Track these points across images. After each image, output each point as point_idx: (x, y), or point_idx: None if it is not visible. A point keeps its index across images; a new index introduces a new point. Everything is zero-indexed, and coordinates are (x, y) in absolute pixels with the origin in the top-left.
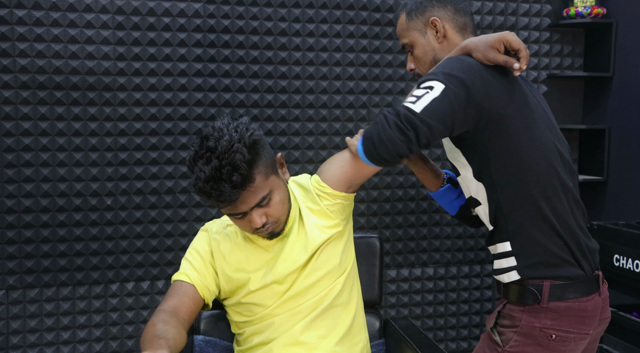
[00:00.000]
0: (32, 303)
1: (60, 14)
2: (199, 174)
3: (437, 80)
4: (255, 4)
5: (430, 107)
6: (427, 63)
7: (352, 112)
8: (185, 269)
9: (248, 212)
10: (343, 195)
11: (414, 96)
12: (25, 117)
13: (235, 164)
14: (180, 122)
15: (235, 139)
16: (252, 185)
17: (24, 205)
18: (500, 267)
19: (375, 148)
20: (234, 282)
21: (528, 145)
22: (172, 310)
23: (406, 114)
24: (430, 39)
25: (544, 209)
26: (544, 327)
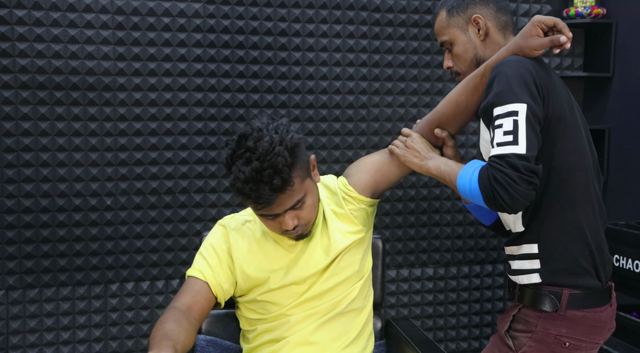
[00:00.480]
0: (32, 303)
1: (60, 14)
2: (238, 174)
3: (517, 101)
4: (255, 4)
5: (529, 139)
6: (468, 61)
7: (352, 112)
8: (200, 265)
9: (281, 214)
10: (367, 201)
11: (508, 134)
12: (25, 117)
13: (277, 167)
14: (180, 122)
15: (277, 141)
16: (290, 189)
17: (23, 206)
18: (522, 267)
19: (510, 208)
20: (252, 281)
21: (573, 151)
22: (186, 308)
23: (523, 163)
24: (472, 37)
25: (579, 216)
26: (559, 334)
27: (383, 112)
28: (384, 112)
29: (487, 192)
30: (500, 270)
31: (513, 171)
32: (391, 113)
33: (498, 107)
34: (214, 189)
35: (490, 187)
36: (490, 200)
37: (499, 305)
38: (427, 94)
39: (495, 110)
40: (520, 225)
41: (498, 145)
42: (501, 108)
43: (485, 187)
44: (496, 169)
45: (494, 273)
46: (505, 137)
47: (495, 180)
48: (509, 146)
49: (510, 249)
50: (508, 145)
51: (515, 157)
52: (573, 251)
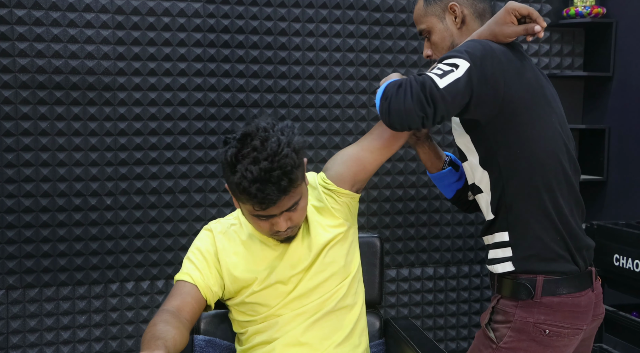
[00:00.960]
0: (32, 303)
1: (60, 14)
2: (245, 173)
3: (463, 58)
4: (255, 4)
5: (453, 85)
6: (445, 49)
7: (351, 112)
8: (188, 269)
9: (277, 215)
10: (347, 193)
11: (440, 70)
12: (25, 116)
13: (286, 168)
14: (179, 121)
15: (284, 142)
16: (294, 191)
17: (23, 205)
18: (495, 256)
19: (389, 114)
20: (239, 282)
21: (540, 137)
22: (175, 310)
23: (432, 87)
24: (449, 25)
25: (546, 203)
26: (538, 322)
27: None
28: None
29: (386, 92)
30: None
31: (418, 86)
32: None
33: (445, 59)
34: (214, 189)
35: (391, 88)
36: (383, 100)
37: None
38: None
39: (441, 61)
40: (490, 213)
41: (427, 73)
42: (447, 60)
43: (387, 87)
44: (408, 78)
45: None
46: (435, 70)
47: (399, 85)
48: (433, 75)
49: (486, 238)
50: (434, 75)
51: (430, 80)
52: (543, 237)
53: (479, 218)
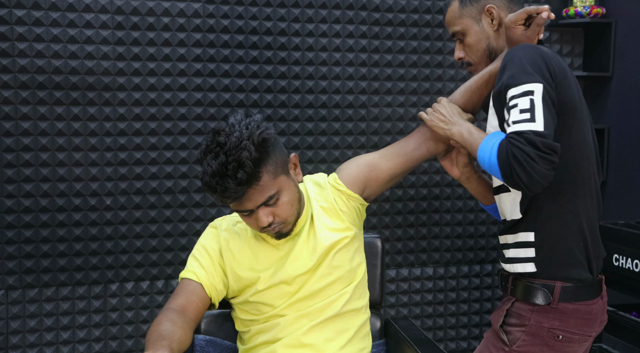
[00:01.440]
0: (32, 303)
1: (60, 14)
2: (206, 168)
3: (532, 81)
4: (254, 4)
5: (546, 117)
6: (481, 51)
7: (351, 112)
8: (193, 267)
9: (255, 210)
10: (357, 198)
11: (524, 112)
12: (24, 117)
13: (241, 161)
14: (179, 121)
15: (245, 136)
16: (258, 184)
17: (23, 205)
18: (516, 256)
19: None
20: (243, 281)
21: (580, 141)
22: (180, 309)
23: (541, 140)
24: (485, 27)
25: (578, 207)
26: (552, 327)
27: (382, 111)
28: (384, 112)
29: (505, 170)
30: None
31: (532, 148)
32: (390, 113)
33: (513, 88)
34: None
35: (509, 164)
36: (508, 177)
37: (498, 304)
38: (426, 94)
39: (510, 92)
40: (518, 212)
41: (514, 123)
42: (516, 89)
43: (503, 164)
44: (515, 146)
45: (493, 272)
46: (521, 115)
47: (514, 158)
48: (526, 123)
49: (505, 237)
50: (525, 123)
51: (533, 134)
52: (569, 241)
53: (478, 219)
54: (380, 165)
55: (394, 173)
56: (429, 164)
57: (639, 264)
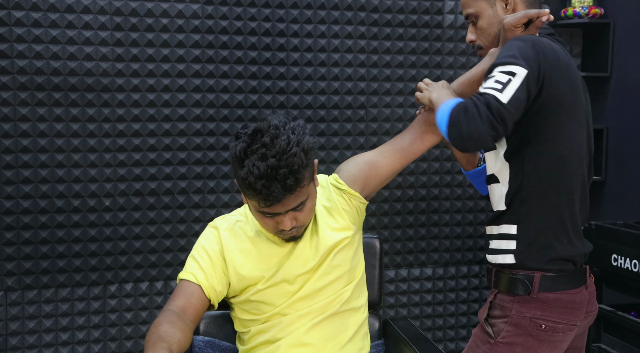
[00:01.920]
0: (31, 304)
1: (59, 15)
2: (252, 168)
3: (519, 65)
4: (253, 5)
5: (515, 96)
6: (492, 35)
7: (350, 113)
8: (192, 268)
9: (282, 214)
10: (357, 196)
11: (499, 83)
12: (23, 118)
13: (293, 167)
14: (178, 123)
15: (294, 141)
16: (300, 191)
17: (22, 207)
18: (498, 247)
19: (462, 139)
20: (246, 281)
21: (571, 139)
22: (180, 310)
23: (497, 106)
24: (499, 11)
25: (562, 203)
26: (534, 317)
27: (381, 112)
28: (383, 113)
29: (453, 118)
30: None
31: (485, 108)
32: (389, 113)
33: (499, 66)
34: (213, 190)
35: (457, 113)
36: (451, 126)
37: None
38: None
39: (496, 69)
40: (502, 204)
41: (485, 89)
42: (502, 67)
43: (452, 113)
44: (471, 100)
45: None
46: (494, 84)
47: (465, 110)
48: (494, 91)
49: (490, 228)
50: (493, 90)
51: (493, 98)
52: (549, 235)
53: (477, 219)
54: (379, 162)
55: (393, 169)
56: (427, 165)
57: (638, 264)
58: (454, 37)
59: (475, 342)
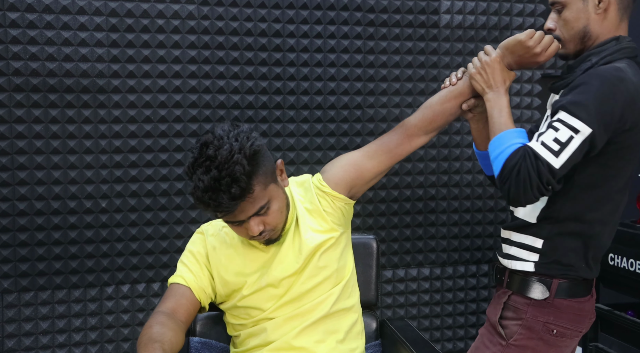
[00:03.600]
0: (27, 306)
1: (54, 17)
2: (198, 183)
3: (586, 122)
4: (249, 6)
5: (570, 160)
6: (575, 30)
7: (346, 113)
8: (181, 272)
9: (246, 220)
10: (342, 198)
11: (557, 143)
12: (19, 119)
13: (235, 175)
14: (174, 124)
15: (236, 149)
16: (250, 196)
17: (18, 208)
18: (517, 255)
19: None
20: (230, 286)
21: (626, 176)
22: (170, 312)
23: (548, 177)
24: (590, 7)
25: (594, 233)
26: (547, 321)
27: (378, 112)
28: (379, 113)
29: (505, 173)
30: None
31: (536, 177)
32: (386, 113)
33: (566, 114)
34: None
35: (509, 172)
36: (500, 180)
37: None
38: (421, 94)
39: (562, 115)
40: (532, 217)
41: (542, 145)
42: (568, 117)
43: (506, 168)
44: (526, 162)
45: (490, 273)
46: (553, 143)
47: (517, 172)
48: (550, 154)
49: (510, 234)
50: (550, 152)
51: (547, 167)
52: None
53: (474, 219)
54: (365, 164)
55: (379, 170)
56: (424, 165)
57: (634, 263)
58: (451, 37)
59: (483, 343)
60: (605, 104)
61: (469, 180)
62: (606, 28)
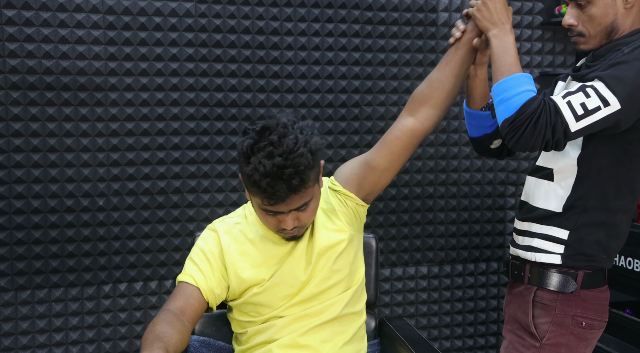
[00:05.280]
0: (24, 305)
1: (51, 14)
2: (258, 166)
3: (619, 99)
4: (247, 3)
5: (589, 127)
6: (602, 25)
7: (344, 111)
8: (190, 271)
9: (285, 213)
10: (353, 198)
11: (584, 108)
12: (15, 117)
13: (299, 167)
14: (172, 122)
15: (301, 141)
16: (304, 191)
17: (15, 207)
18: (541, 247)
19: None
20: (246, 283)
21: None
22: (179, 311)
23: (560, 137)
24: (618, 2)
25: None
26: (576, 315)
27: (376, 110)
28: (377, 111)
29: (520, 118)
30: (494, 268)
31: (551, 130)
32: (384, 112)
33: (603, 84)
34: (207, 189)
35: (528, 118)
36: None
37: (493, 303)
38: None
39: (597, 84)
40: (558, 206)
41: (568, 104)
42: (603, 88)
43: (523, 113)
44: (546, 113)
45: (488, 271)
46: (579, 107)
47: (536, 119)
48: (572, 116)
49: (530, 225)
50: (572, 114)
51: (564, 126)
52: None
53: (472, 217)
54: (372, 161)
55: (387, 166)
56: (422, 163)
57: (633, 262)
58: (449, 36)
59: (515, 348)
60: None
61: (467, 178)
62: (632, 20)
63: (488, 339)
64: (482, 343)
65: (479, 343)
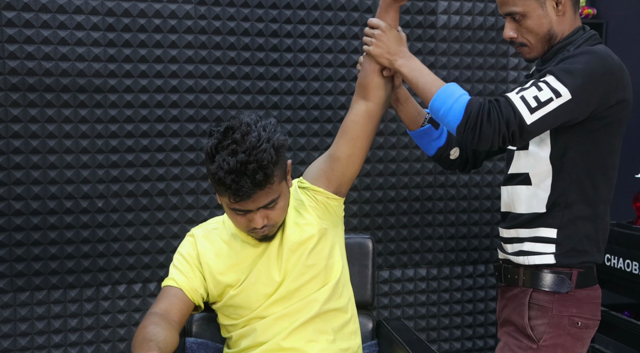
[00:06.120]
0: (23, 306)
1: (50, 16)
2: (222, 164)
3: (569, 89)
4: (246, 6)
5: (545, 119)
6: (541, 35)
7: (344, 113)
8: (172, 275)
9: (253, 211)
10: (322, 192)
11: (536, 100)
12: (15, 119)
13: (262, 163)
14: (171, 123)
15: (264, 138)
16: (269, 187)
17: (14, 208)
18: (532, 250)
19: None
20: (222, 285)
21: (617, 150)
22: (163, 312)
23: (514, 130)
24: (549, 11)
25: (599, 213)
26: (572, 315)
27: None
28: None
29: (471, 118)
30: (492, 270)
31: (505, 124)
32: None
33: (554, 78)
34: (206, 191)
35: (477, 116)
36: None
37: (491, 305)
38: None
39: (549, 78)
40: (540, 207)
41: (521, 99)
42: (554, 81)
43: (471, 113)
44: (496, 109)
45: (486, 273)
46: (532, 100)
47: (487, 114)
48: (526, 109)
49: (518, 231)
50: (526, 107)
51: (519, 119)
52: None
53: (471, 220)
54: (335, 152)
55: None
56: (421, 165)
57: (631, 264)
58: (448, 38)
59: (511, 350)
60: (592, 77)
61: (466, 181)
62: (567, 23)
63: (487, 341)
64: (480, 345)
65: (478, 345)
